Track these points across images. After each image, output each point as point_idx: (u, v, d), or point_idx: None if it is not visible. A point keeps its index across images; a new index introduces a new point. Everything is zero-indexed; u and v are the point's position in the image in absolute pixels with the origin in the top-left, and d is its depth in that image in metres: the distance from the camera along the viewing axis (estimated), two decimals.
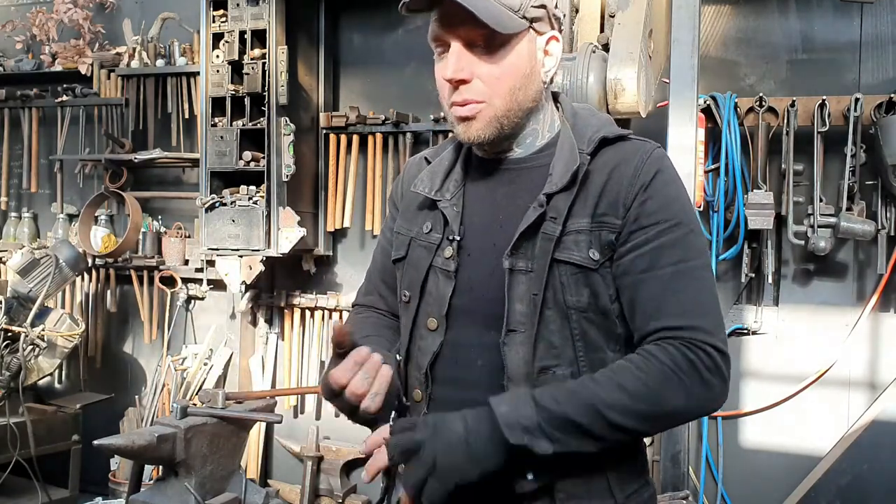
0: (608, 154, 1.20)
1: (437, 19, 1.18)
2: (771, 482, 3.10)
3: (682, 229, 1.16)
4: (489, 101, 1.18)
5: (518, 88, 1.18)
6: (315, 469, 3.57)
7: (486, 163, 1.29)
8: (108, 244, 3.94)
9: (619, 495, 1.18)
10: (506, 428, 1.06)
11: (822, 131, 2.90)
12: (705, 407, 1.14)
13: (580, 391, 1.09)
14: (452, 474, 1.07)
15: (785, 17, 3.10)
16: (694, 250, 1.16)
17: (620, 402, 1.07)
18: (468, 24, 1.14)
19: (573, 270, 1.16)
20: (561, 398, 1.08)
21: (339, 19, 3.74)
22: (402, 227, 1.34)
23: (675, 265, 1.14)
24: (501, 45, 1.16)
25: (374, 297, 1.47)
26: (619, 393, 1.07)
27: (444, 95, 1.21)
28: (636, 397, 1.07)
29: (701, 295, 1.14)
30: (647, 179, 1.16)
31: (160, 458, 1.99)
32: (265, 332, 3.84)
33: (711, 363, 1.10)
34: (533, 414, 1.07)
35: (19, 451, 3.17)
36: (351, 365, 1.13)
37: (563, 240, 1.16)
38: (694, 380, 1.09)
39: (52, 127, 4.19)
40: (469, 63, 1.17)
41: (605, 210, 1.16)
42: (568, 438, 1.07)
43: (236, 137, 3.28)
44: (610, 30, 2.53)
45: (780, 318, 3.10)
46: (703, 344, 1.10)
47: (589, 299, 1.16)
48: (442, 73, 1.19)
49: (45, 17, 4.11)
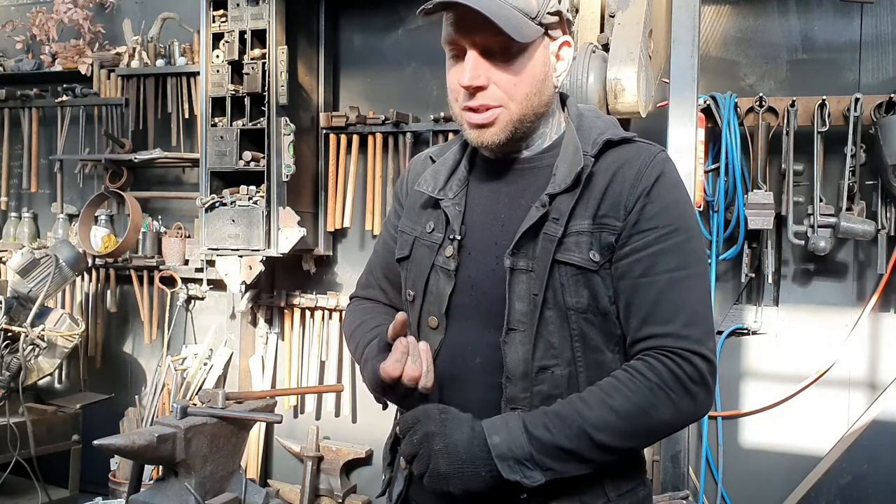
0: (612, 156, 1.20)
1: (452, 23, 1.17)
2: (771, 482, 3.10)
3: (681, 235, 1.16)
4: (506, 105, 1.18)
5: (533, 94, 1.19)
6: (315, 469, 3.57)
7: (490, 163, 1.29)
8: (108, 244, 3.94)
9: (611, 493, 1.19)
10: (499, 460, 1.09)
11: (822, 131, 2.90)
12: (690, 417, 1.15)
13: (570, 416, 1.10)
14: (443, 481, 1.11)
15: (785, 17, 3.10)
16: (692, 257, 1.17)
17: (609, 423, 1.09)
18: (485, 31, 1.13)
19: (573, 271, 1.16)
20: (551, 426, 1.10)
21: (339, 19, 3.74)
22: (406, 226, 1.35)
23: (671, 272, 1.15)
24: (519, 52, 1.16)
25: (375, 290, 1.48)
26: (608, 413, 1.09)
27: (458, 99, 1.21)
28: (624, 416, 1.10)
29: (694, 303, 1.15)
30: (648, 183, 1.16)
31: (160, 458, 1.99)
32: (265, 332, 3.84)
33: (696, 374, 1.11)
34: (525, 444, 1.09)
35: (19, 451, 3.17)
36: (399, 356, 1.16)
37: (565, 241, 1.16)
38: (680, 393, 1.11)
39: (52, 127, 4.20)
40: (486, 70, 1.16)
41: (606, 212, 1.17)
42: (560, 465, 1.10)
43: (236, 137, 3.28)
44: (610, 30, 2.53)
45: (780, 318, 3.10)
46: (688, 354, 1.11)
47: (589, 300, 1.16)
48: (458, 79, 1.18)
49: (45, 17, 4.11)
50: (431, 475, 1.11)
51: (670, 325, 1.13)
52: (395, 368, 1.15)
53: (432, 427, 1.12)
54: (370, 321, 1.38)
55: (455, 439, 1.11)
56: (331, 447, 3.62)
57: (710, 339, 1.15)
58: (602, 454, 1.11)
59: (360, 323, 1.39)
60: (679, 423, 1.15)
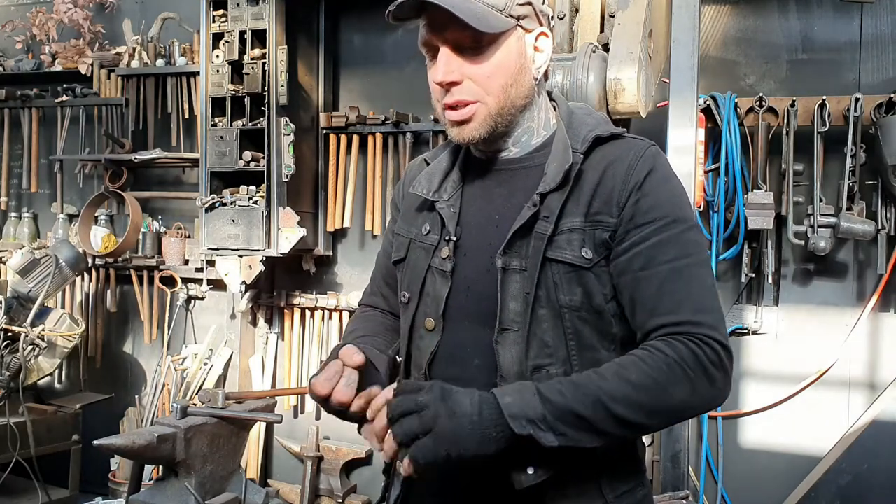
0: (602, 152, 1.20)
1: (425, 25, 1.19)
2: (771, 482, 3.10)
3: (679, 226, 1.15)
4: (483, 99, 1.18)
5: (510, 86, 1.19)
6: (315, 469, 3.57)
7: (483, 163, 1.29)
8: (108, 244, 3.94)
9: (609, 495, 1.17)
10: (510, 418, 1.04)
11: (822, 131, 2.90)
12: (709, 401, 1.12)
13: (585, 384, 1.07)
14: (450, 442, 1.03)
15: (785, 17, 3.10)
16: (691, 246, 1.16)
17: (626, 395, 1.05)
18: (454, 27, 1.15)
19: (566, 269, 1.16)
20: (566, 391, 1.06)
21: (339, 19, 3.74)
22: (402, 229, 1.35)
23: (672, 262, 1.13)
24: (489, 44, 1.17)
25: (377, 297, 1.48)
26: (625, 386, 1.06)
27: (437, 99, 1.22)
28: (642, 390, 1.06)
29: (700, 291, 1.14)
30: (640, 178, 1.16)
31: (160, 458, 1.99)
32: (265, 332, 3.84)
33: (716, 358, 1.09)
34: (538, 406, 1.05)
35: (19, 451, 3.17)
36: (331, 375, 1.15)
37: (556, 239, 1.16)
38: (699, 374, 1.07)
39: (52, 127, 4.20)
40: (459, 65, 1.17)
41: (598, 209, 1.16)
42: (573, 432, 1.05)
43: (236, 137, 3.28)
44: (610, 30, 2.53)
45: (780, 318, 3.10)
46: (706, 339, 1.09)
47: (582, 298, 1.16)
48: (433, 77, 1.20)
49: (45, 17, 4.11)
50: (437, 436, 1.03)
51: (680, 313, 1.11)
52: (323, 387, 1.15)
53: (437, 391, 1.07)
54: (361, 329, 1.38)
55: (462, 398, 1.06)
56: (331, 447, 3.62)
57: (722, 326, 1.12)
58: (618, 427, 1.06)
59: (353, 329, 1.40)
60: (697, 405, 1.10)
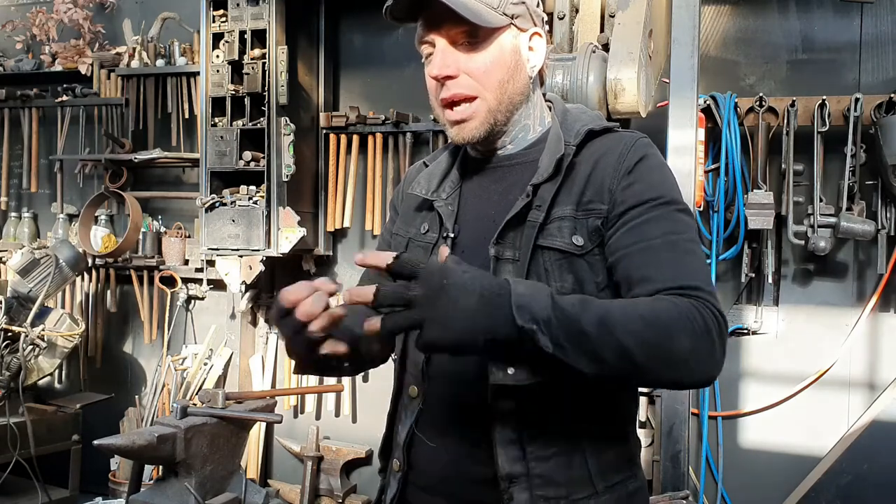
0: (595, 145, 1.22)
1: (421, 23, 1.21)
2: (771, 482, 3.10)
3: (670, 206, 1.16)
4: (481, 95, 1.20)
5: (507, 81, 1.21)
6: (315, 469, 3.57)
7: (480, 162, 1.31)
8: (108, 244, 3.94)
9: (599, 484, 1.17)
10: (516, 308, 0.99)
11: (822, 131, 2.90)
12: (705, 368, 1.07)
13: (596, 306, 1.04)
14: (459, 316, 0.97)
15: (785, 17, 3.10)
16: (682, 225, 1.15)
17: (632, 323, 1.02)
18: (450, 22, 1.17)
19: (557, 256, 1.16)
20: (577, 304, 1.03)
21: (339, 19, 3.74)
22: (401, 229, 1.37)
23: (665, 236, 1.13)
24: (484, 39, 1.19)
25: None
26: (635, 318, 1.02)
27: (434, 97, 1.23)
28: (649, 326, 1.02)
29: (695, 263, 1.13)
30: (631, 164, 1.17)
31: (160, 458, 1.99)
32: (265, 332, 3.84)
33: (716, 326, 1.06)
34: (548, 307, 1.01)
35: (19, 451, 3.17)
36: (304, 288, 1.05)
37: (547, 227, 1.17)
38: (702, 333, 1.04)
39: (52, 127, 4.20)
40: (455, 59, 1.19)
41: (591, 197, 1.18)
42: (573, 347, 1.01)
43: (236, 137, 3.29)
44: (610, 30, 2.53)
45: (780, 318, 3.10)
46: (708, 304, 1.07)
47: (573, 286, 1.16)
48: (429, 72, 1.21)
49: (45, 17, 4.11)
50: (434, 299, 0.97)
51: (679, 280, 1.09)
52: (293, 294, 1.04)
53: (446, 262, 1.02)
54: None
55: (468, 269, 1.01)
56: (331, 447, 3.62)
57: (718, 301, 1.10)
58: (615, 357, 1.01)
59: None
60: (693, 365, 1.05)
